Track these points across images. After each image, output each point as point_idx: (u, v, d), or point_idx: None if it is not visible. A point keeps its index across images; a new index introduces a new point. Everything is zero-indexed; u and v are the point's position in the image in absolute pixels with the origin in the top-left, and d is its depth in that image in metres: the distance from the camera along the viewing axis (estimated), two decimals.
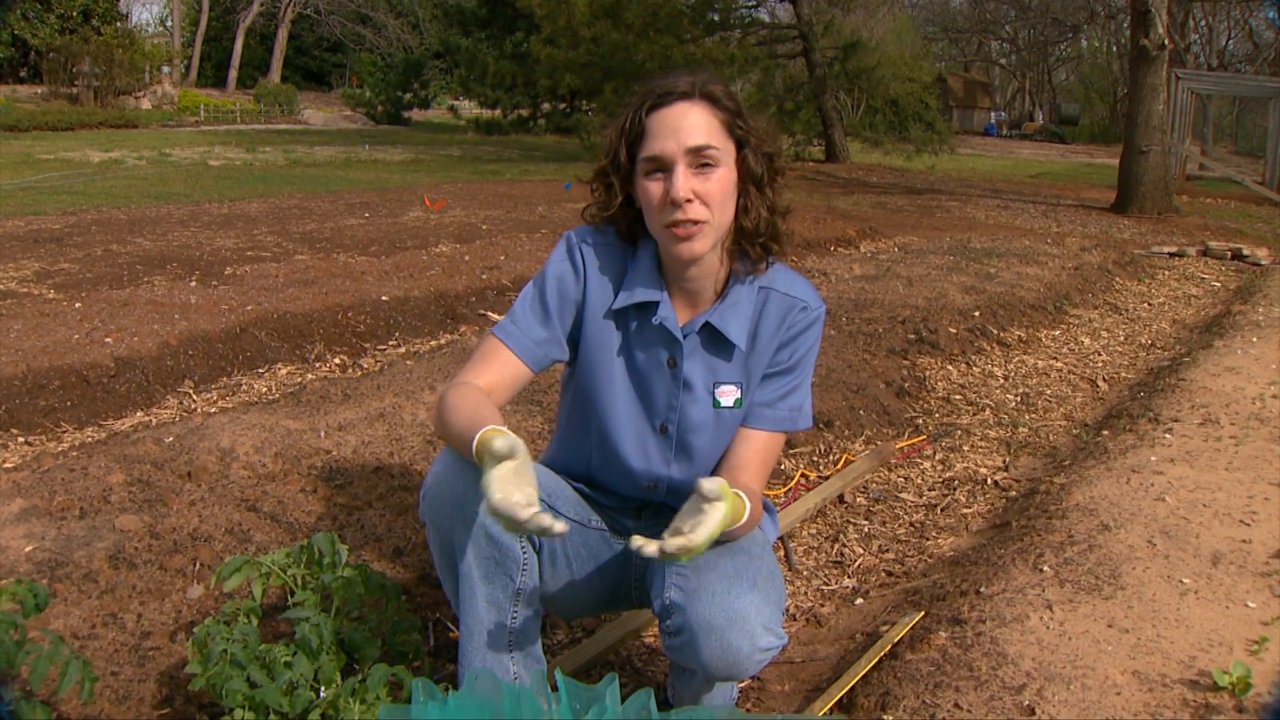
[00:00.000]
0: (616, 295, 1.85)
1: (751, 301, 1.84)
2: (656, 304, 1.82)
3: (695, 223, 1.71)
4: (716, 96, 1.75)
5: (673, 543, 1.51)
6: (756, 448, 1.87)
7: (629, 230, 1.85)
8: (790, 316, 1.85)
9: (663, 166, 1.72)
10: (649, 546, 1.52)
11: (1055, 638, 2.21)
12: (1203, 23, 38.73)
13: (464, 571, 1.74)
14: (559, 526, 1.46)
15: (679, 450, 1.90)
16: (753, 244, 1.81)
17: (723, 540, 1.71)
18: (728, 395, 1.87)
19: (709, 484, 1.54)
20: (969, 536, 3.19)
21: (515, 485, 1.48)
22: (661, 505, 1.97)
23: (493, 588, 1.75)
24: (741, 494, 1.70)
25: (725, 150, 1.74)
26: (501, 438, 1.50)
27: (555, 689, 1.45)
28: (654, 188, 1.73)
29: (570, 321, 1.86)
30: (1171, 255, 9.84)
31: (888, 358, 4.90)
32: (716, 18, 21.11)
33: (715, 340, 1.85)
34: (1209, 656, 2.16)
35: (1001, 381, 5.00)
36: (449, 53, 29.28)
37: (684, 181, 1.69)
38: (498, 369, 1.81)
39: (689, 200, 1.69)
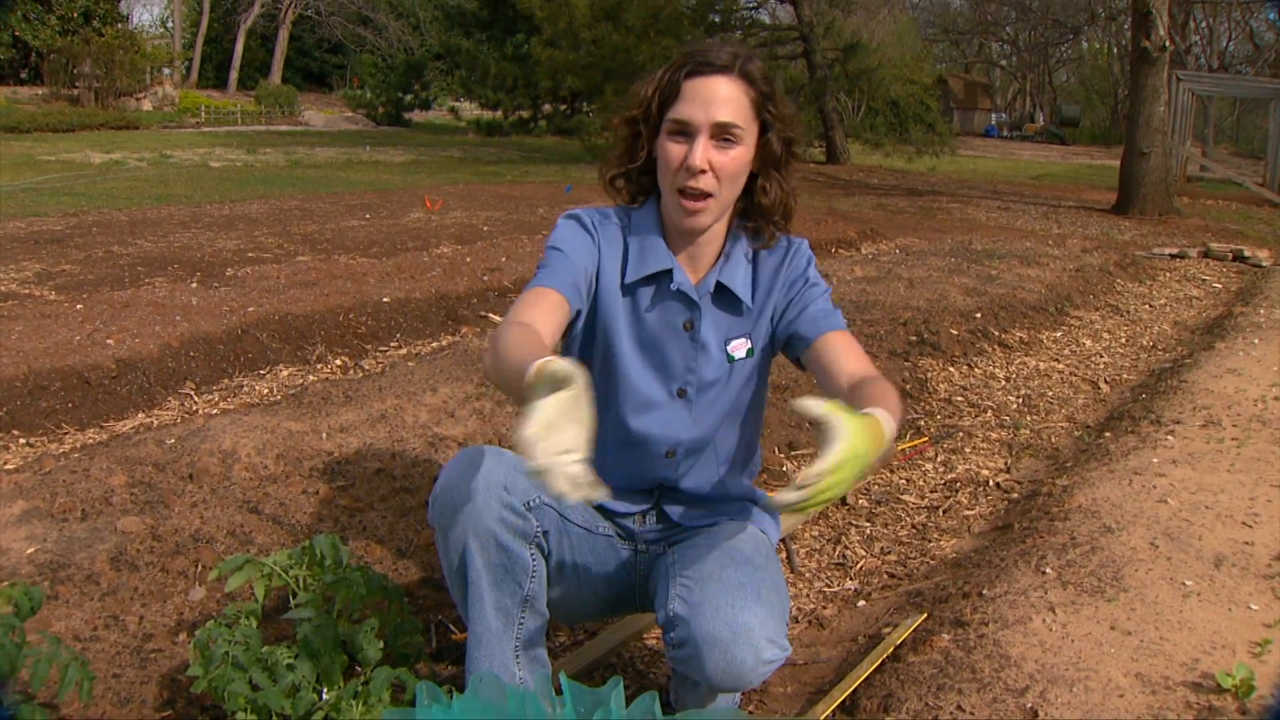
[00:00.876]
0: (624, 271, 1.88)
1: (749, 257, 1.92)
2: (670, 270, 1.86)
3: (703, 195, 1.76)
4: (753, 76, 1.78)
5: (807, 474, 1.37)
6: (841, 342, 1.85)
7: (637, 182, 1.90)
8: (785, 259, 1.92)
9: (686, 131, 1.75)
10: (786, 495, 1.37)
11: (1058, 640, 2.21)
12: (1203, 24, 38.77)
13: (473, 578, 1.74)
14: (576, 493, 1.29)
15: (697, 411, 1.92)
16: (768, 222, 1.89)
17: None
18: (740, 348, 1.92)
19: (810, 404, 1.42)
20: (971, 538, 3.18)
21: (560, 422, 1.32)
22: (663, 512, 1.98)
23: (502, 594, 1.75)
24: (874, 412, 1.53)
25: (749, 130, 1.78)
26: (563, 361, 1.37)
27: (560, 692, 1.45)
28: (674, 149, 1.76)
29: (589, 281, 1.86)
30: (1172, 257, 9.84)
31: (889, 359, 4.90)
32: (717, 19, 21.17)
33: (724, 297, 1.90)
34: (1212, 659, 2.15)
35: (1003, 383, 4.99)
36: (450, 54, 29.27)
37: (703, 152, 1.74)
38: (543, 307, 1.74)
39: (703, 171, 1.74)
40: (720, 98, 1.74)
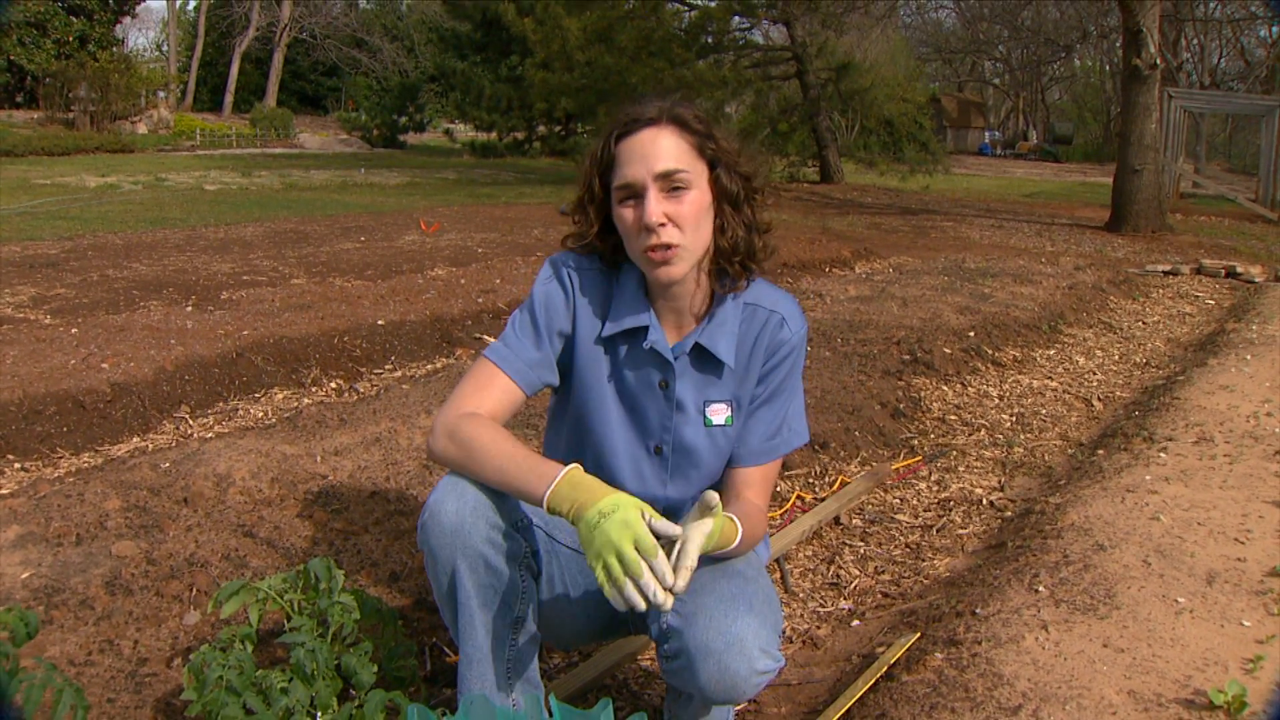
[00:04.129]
0: (604, 322, 1.86)
1: (738, 318, 1.86)
2: (646, 328, 1.84)
3: (669, 246, 1.73)
4: (685, 120, 1.76)
5: (679, 584, 1.53)
6: (756, 475, 1.91)
7: (611, 256, 1.87)
8: (772, 341, 1.87)
9: (635, 193, 1.74)
10: (668, 603, 1.53)
11: (1051, 658, 2.22)
12: (1195, 41, 38.96)
13: (463, 600, 1.74)
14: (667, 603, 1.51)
15: (674, 471, 1.91)
16: (730, 262, 1.83)
17: (716, 559, 1.73)
18: (719, 414, 1.88)
19: (711, 496, 1.59)
20: (965, 557, 3.19)
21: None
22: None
23: (492, 616, 1.75)
24: (734, 518, 1.72)
25: (696, 172, 1.75)
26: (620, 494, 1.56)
27: (551, 713, 1.45)
28: (628, 214, 1.75)
29: (560, 346, 1.87)
30: (1165, 273, 9.88)
31: (883, 379, 4.91)
32: (710, 40, 21.21)
33: (705, 360, 1.86)
34: (1204, 675, 2.16)
35: (996, 401, 5.01)
36: (444, 76, 29.41)
37: (655, 206, 1.71)
38: (496, 395, 1.80)
39: (662, 224, 1.72)
40: (656, 150, 1.73)
